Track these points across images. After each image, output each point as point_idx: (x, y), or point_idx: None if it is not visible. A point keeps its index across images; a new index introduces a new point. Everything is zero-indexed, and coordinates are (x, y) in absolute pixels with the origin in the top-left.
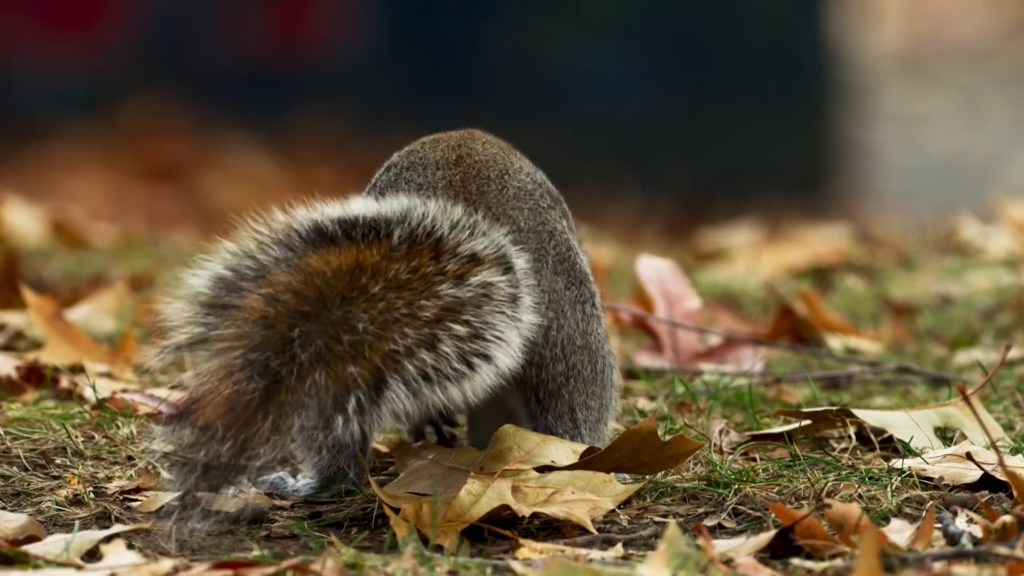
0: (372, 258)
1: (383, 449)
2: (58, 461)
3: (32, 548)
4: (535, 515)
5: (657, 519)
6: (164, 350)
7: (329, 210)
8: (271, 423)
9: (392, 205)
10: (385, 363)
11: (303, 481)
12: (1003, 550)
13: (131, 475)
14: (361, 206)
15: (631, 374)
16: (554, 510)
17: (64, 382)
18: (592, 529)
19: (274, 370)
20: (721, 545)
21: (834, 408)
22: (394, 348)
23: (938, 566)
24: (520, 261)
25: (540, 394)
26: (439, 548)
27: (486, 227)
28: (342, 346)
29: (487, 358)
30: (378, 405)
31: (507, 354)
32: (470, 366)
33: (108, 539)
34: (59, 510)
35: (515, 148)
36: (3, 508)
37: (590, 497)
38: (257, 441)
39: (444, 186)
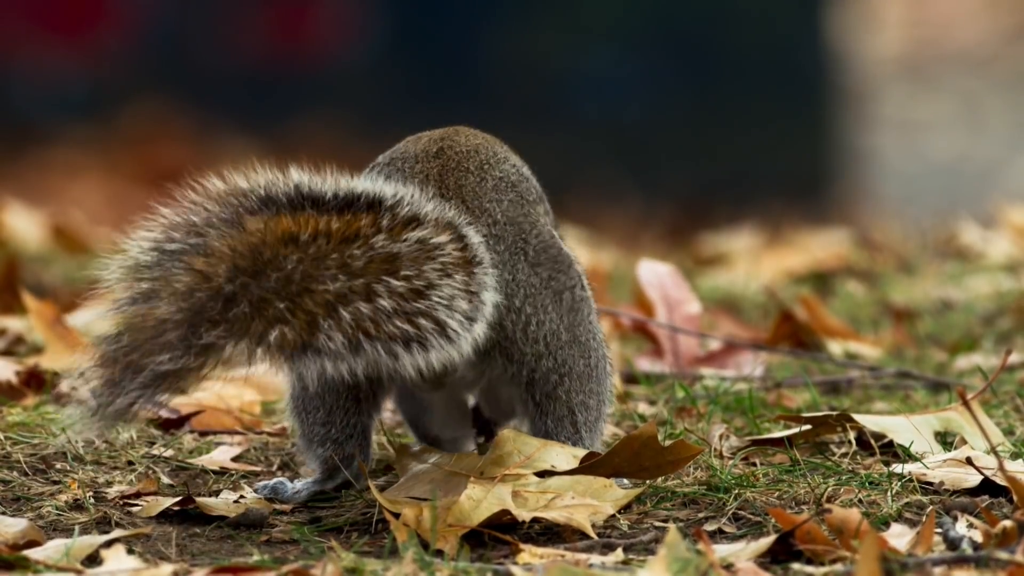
0: (308, 221)
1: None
2: (58, 466)
3: (32, 553)
4: (535, 520)
5: (657, 524)
6: (98, 312)
7: (269, 178)
8: (184, 338)
9: (337, 179)
10: (316, 304)
11: (303, 483)
12: (1003, 555)
13: (131, 480)
14: (302, 176)
15: (631, 378)
16: (554, 515)
17: (64, 387)
18: (592, 534)
19: (201, 303)
20: (721, 550)
21: (834, 413)
22: (324, 289)
23: (938, 571)
24: (472, 233)
25: (536, 396)
26: (439, 553)
27: (436, 201)
28: (271, 283)
29: (437, 323)
30: (311, 349)
31: (461, 325)
32: (417, 328)
33: (108, 544)
34: (59, 515)
35: (507, 145)
36: (3, 513)
37: (590, 502)
38: (163, 349)
39: (421, 180)
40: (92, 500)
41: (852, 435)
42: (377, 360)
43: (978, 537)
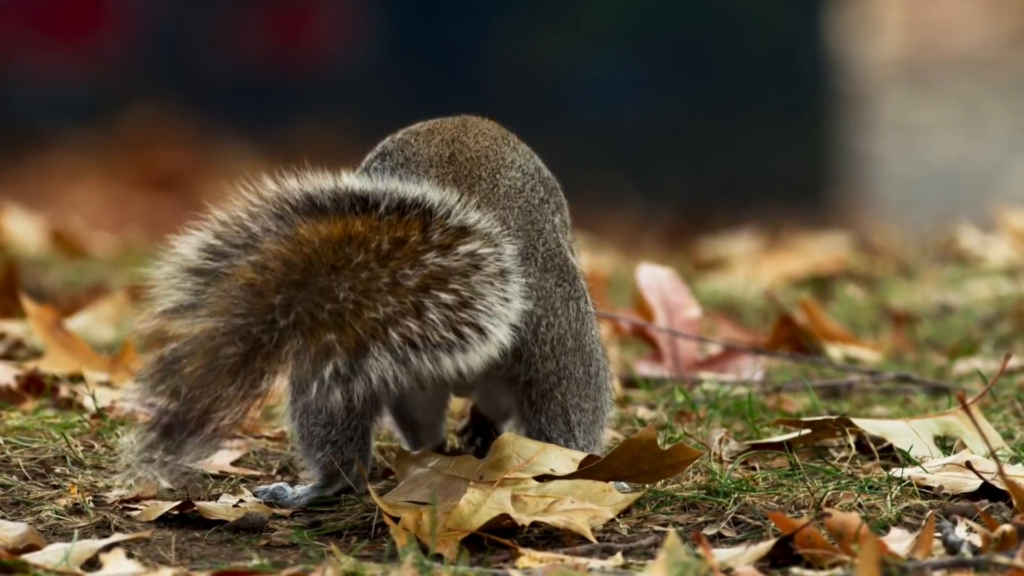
0: (359, 228)
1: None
2: (58, 470)
3: (32, 557)
4: (535, 524)
5: (657, 528)
6: (151, 315)
7: (319, 181)
8: (240, 387)
9: (383, 181)
10: (366, 331)
11: (302, 488)
12: (1002, 559)
13: (131, 484)
14: (352, 180)
15: (631, 383)
16: (554, 519)
17: (64, 391)
18: (592, 538)
19: (255, 336)
20: (721, 554)
21: (834, 417)
22: (375, 316)
23: (938, 575)
24: (508, 245)
25: (532, 394)
26: (439, 557)
27: (476, 210)
28: (324, 314)
29: (479, 329)
30: (362, 373)
31: (499, 329)
32: (460, 336)
33: (107, 548)
34: (59, 519)
35: (512, 137)
36: (3, 517)
37: (590, 506)
38: (221, 404)
39: (436, 185)
40: (91, 504)
41: (852, 439)
42: (420, 368)
43: (978, 541)
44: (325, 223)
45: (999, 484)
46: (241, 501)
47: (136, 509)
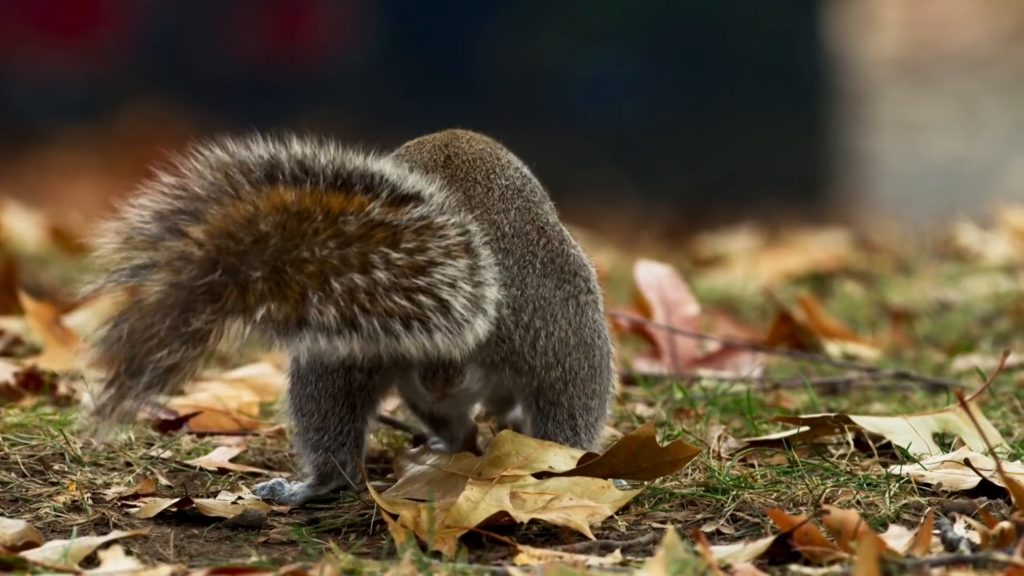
0: (303, 193)
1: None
2: (56, 467)
3: (30, 554)
4: (533, 521)
5: (655, 525)
6: (96, 282)
7: (269, 149)
8: (174, 325)
9: (339, 154)
10: (305, 276)
11: (299, 485)
12: (1001, 556)
13: (129, 481)
14: (302, 147)
15: (630, 380)
16: (552, 516)
17: (62, 388)
18: (590, 535)
19: (190, 281)
20: (719, 551)
21: (832, 414)
22: (311, 256)
23: (936, 572)
24: (473, 225)
25: (540, 403)
26: (437, 554)
27: (439, 184)
28: (259, 256)
29: (440, 302)
30: (304, 324)
31: (467, 308)
32: (417, 306)
33: (106, 545)
34: (57, 516)
35: (502, 146)
36: (1, 514)
37: (588, 503)
38: (158, 344)
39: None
40: (90, 501)
41: (850, 436)
42: (375, 336)
43: (976, 538)
44: (271, 189)
45: (997, 481)
46: (239, 498)
47: (135, 506)
